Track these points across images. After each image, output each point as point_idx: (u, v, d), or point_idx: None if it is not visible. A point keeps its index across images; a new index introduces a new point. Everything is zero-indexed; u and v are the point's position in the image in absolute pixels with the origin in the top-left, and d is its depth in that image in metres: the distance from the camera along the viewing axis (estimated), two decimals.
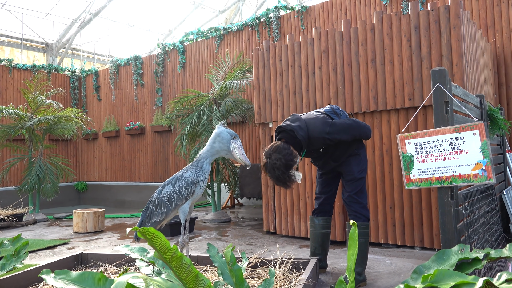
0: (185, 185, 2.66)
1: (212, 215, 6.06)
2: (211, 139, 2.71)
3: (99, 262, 3.42)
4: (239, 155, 2.64)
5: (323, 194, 3.17)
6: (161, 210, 2.69)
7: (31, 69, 10.06)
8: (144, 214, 2.80)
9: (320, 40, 4.32)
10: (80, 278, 1.55)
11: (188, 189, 2.66)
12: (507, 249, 1.76)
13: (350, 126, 2.88)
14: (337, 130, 2.82)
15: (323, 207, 3.17)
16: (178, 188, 2.66)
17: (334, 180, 3.16)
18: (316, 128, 2.81)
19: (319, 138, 2.81)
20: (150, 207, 2.75)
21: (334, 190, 3.19)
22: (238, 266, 1.99)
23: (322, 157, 3.02)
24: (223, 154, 2.70)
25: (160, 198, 2.71)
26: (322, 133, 2.80)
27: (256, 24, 7.78)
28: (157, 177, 9.34)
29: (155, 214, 2.72)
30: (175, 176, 2.73)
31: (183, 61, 8.91)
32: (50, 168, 7.14)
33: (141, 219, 2.81)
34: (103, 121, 10.45)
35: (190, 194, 2.67)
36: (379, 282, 2.93)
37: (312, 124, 2.83)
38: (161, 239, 1.33)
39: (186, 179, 2.66)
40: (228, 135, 2.67)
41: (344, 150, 2.94)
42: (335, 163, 3.00)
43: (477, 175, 2.23)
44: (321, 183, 3.19)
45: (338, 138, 2.82)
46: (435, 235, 3.67)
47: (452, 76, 3.59)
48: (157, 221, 2.73)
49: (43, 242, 4.78)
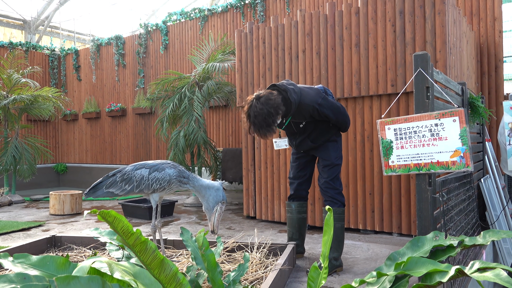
0: (161, 179, 2.57)
1: (193, 199, 6.00)
2: (210, 187, 2.64)
3: (73, 245, 3.34)
4: (215, 219, 2.61)
5: (296, 179, 3.12)
6: (125, 186, 2.58)
7: (7, 46, 9.69)
8: (106, 179, 2.66)
9: (304, 23, 4.24)
10: (41, 263, 1.47)
11: (161, 184, 2.57)
12: (481, 237, 1.75)
13: (338, 108, 2.88)
14: (327, 105, 2.81)
15: (298, 192, 3.13)
16: (152, 178, 2.57)
17: (309, 164, 3.11)
18: (309, 96, 2.77)
19: (309, 106, 2.75)
20: (117, 176, 2.63)
21: (309, 175, 3.13)
22: (210, 251, 1.95)
23: (300, 135, 2.97)
24: (204, 202, 2.64)
25: (131, 175, 2.59)
26: (313, 102, 2.76)
27: (241, 5, 7.62)
28: (139, 160, 9.20)
29: (118, 186, 2.59)
30: (157, 165, 2.62)
31: (166, 42, 8.70)
32: (27, 149, 6.95)
33: (100, 181, 2.67)
34: (83, 102, 10.20)
35: (159, 189, 2.59)
36: (355, 268, 2.93)
37: (306, 92, 2.80)
38: (123, 223, 1.26)
39: (165, 175, 2.57)
40: (221, 197, 2.62)
41: (323, 132, 2.91)
42: (312, 143, 2.94)
43: (455, 162, 2.20)
44: (296, 167, 3.13)
45: (325, 113, 2.79)
46: (413, 221, 3.69)
47: (435, 62, 3.57)
48: (115, 193, 2.61)
49: (17, 224, 4.66)
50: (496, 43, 5.19)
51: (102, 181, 2.67)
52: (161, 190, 2.59)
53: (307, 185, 3.15)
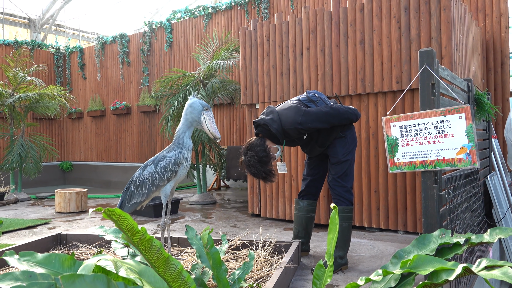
0: (168, 165, 2.58)
1: (198, 197, 6.00)
2: (184, 111, 2.62)
3: (78, 242, 3.36)
4: (209, 127, 2.57)
5: (309, 176, 3.12)
6: (142, 191, 2.62)
7: (13, 45, 9.74)
8: (124, 195, 2.72)
9: (308, 20, 4.22)
10: (47, 261, 1.47)
11: (171, 170, 2.58)
12: (487, 234, 1.73)
13: (326, 114, 2.77)
14: (310, 119, 2.74)
15: (309, 189, 3.11)
16: (160, 169, 2.59)
17: (322, 162, 3.10)
18: (288, 119, 2.75)
19: (292, 129, 2.75)
20: (131, 187, 2.68)
21: (322, 173, 3.11)
22: (215, 249, 1.95)
23: (308, 144, 2.96)
24: (195, 125, 2.62)
25: (141, 178, 2.63)
26: (294, 124, 2.73)
27: (245, 3, 7.60)
28: (143, 157, 9.22)
29: (135, 194, 2.65)
30: (158, 156, 2.65)
31: (170, 40, 8.70)
32: (32, 147, 6.98)
33: (121, 200, 2.73)
34: (88, 100, 10.24)
35: (172, 175, 2.60)
36: (360, 266, 2.92)
37: (285, 115, 2.77)
38: (128, 221, 1.26)
39: (169, 160, 2.59)
40: (199, 105, 2.59)
41: (327, 135, 2.87)
42: (321, 148, 2.94)
43: (461, 159, 2.19)
44: (309, 164, 3.13)
45: (312, 127, 2.75)
46: (419, 219, 3.67)
47: (441, 59, 3.54)
48: (138, 201, 2.66)
49: (23, 222, 4.68)
50: (502, 39, 5.14)
51: (123, 200, 2.72)
52: (174, 175, 2.60)
53: (319, 183, 3.13)
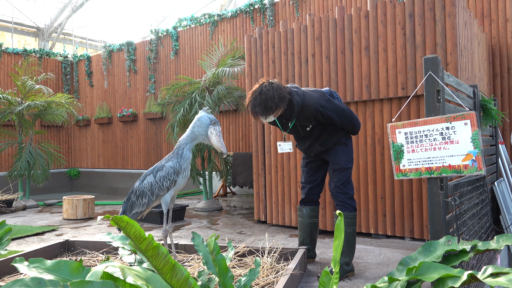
0: (167, 175, 2.59)
1: (204, 203, 6.02)
2: (192, 123, 2.64)
3: (86, 249, 3.38)
4: (215, 142, 2.55)
5: (308, 184, 3.12)
6: (143, 200, 2.65)
7: (22, 54, 9.88)
8: (125, 205, 2.75)
9: (313, 27, 4.25)
10: (56, 267, 1.49)
11: (170, 179, 2.60)
12: (494, 241, 1.73)
13: (344, 111, 2.83)
14: (331, 107, 2.76)
15: (309, 196, 3.12)
16: (160, 179, 2.60)
17: (320, 168, 3.09)
18: (312, 98, 2.76)
19: (311, 108, 2.74)
20: (132, 197, 2.71)
21: (320, 179, 3.12)
22: (222, 255, 1.96)
23: (308, 138, 2.96)
24: (201, 139, 2.62)
25: (141, 188, 2.66)
26: (317, 104, 2.74)
27: (250, 10, 7.66)
28: (150, 164, 9.27)
29: (136, 204, 2.67)
30: (157, 166, 2.67)
31: (177, 48, 8.78)
32: (40, 154, 7.05)
33: (122, 209, 2.77)
34: (95, 107, 10.33)
35: (172, 184, 2.62)
36: (367, 273, 2.91)
37: (309, 94, 2.80)
38: (135, 228, 1.27)
39: (168, 169, 2.60)
40: (207, 119, 2.59)
41: (331, 134, 2.88)
42: (321, 147, 2.93)
43: (467, 166, 2.18)
44: (307, 171, 3.12)
45: (329, 115, 2.76)
46: (425, 226, 3.66)
47: (446, 65, 3.54)
48: (139, 211, 2.69)
49: (31, 229, 4.72)
50: (508, 45, 5.13)
51: (124, 210, 2.76)
52: (173, 185, 2.62)
53: (319, 189, 3.14)
